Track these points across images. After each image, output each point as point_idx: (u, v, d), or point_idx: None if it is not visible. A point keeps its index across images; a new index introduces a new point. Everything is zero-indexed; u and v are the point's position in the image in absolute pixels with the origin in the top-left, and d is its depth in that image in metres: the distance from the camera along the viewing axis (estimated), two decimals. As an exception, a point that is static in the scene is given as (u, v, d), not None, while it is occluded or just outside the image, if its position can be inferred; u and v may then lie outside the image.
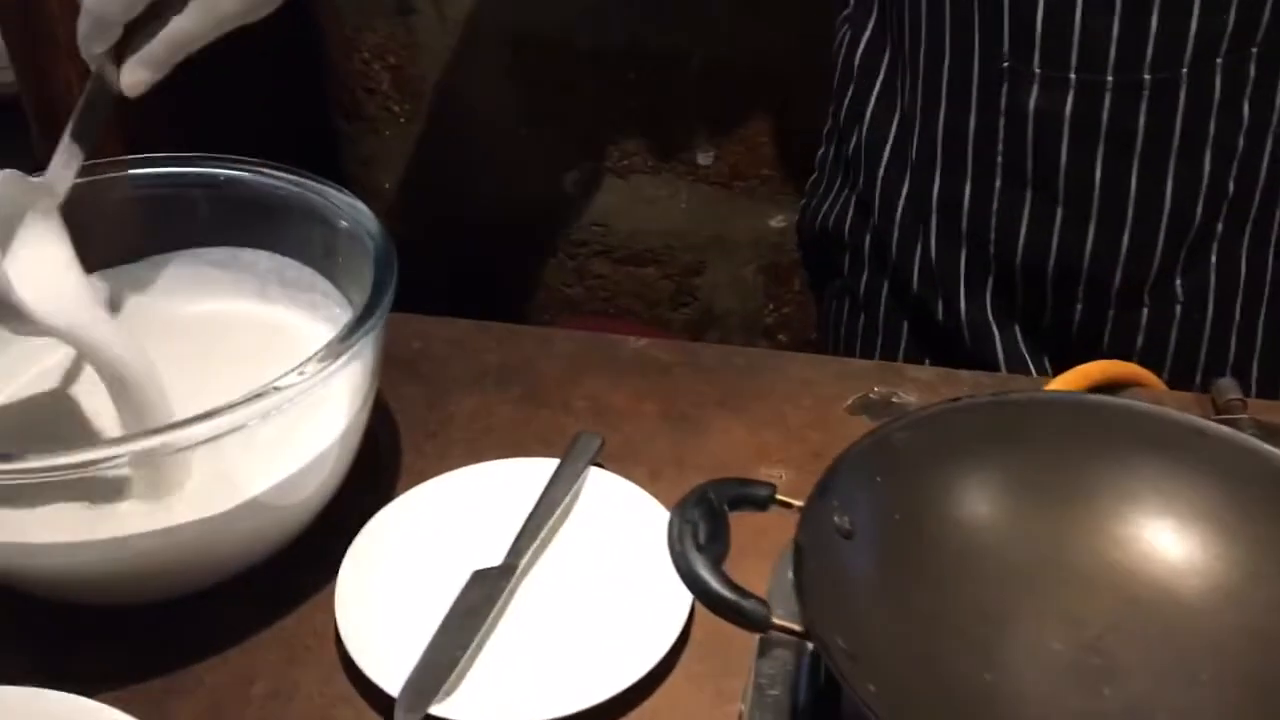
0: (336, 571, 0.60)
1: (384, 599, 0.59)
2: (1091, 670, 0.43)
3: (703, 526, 0.42)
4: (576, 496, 0.64)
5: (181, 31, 0.57)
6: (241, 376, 0.57)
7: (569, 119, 1.22)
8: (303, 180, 0.65)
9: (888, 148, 0.80)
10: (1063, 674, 0.43)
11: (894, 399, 0.73)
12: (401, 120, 1.26)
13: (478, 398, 0.74)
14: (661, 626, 0.57)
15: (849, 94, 0.83)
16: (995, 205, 0.75)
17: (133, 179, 0.68)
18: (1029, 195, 0.73)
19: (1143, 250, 0.73)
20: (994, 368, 0.80)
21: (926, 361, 0.81)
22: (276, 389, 0.53)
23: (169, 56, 0.58)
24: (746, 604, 0.40)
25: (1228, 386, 0.70)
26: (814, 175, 0.90)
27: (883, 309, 0.84)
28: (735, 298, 1.29)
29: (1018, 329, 0.79)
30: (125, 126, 0.95)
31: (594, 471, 0.66)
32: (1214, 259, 0.74)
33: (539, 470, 0.65)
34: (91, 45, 0.58)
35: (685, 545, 0.41)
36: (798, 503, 0.45)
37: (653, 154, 1.21)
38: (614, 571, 0.61)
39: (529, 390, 0.74)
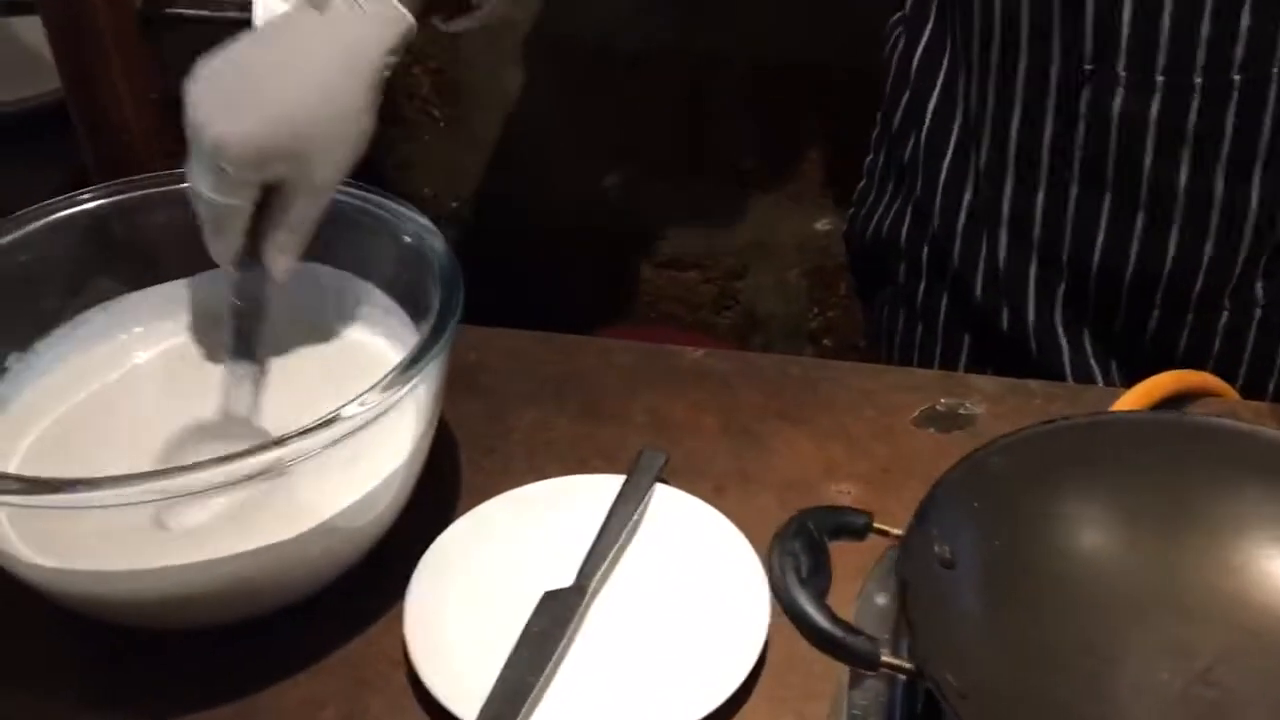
0: (402, 593, 0.60)
1: (453, 621, 0.58)
2: (1204, 704, 0.42)
3: (804, 559, 0.41)
4: (643, 514, 0.63)
5: (300, 215, 0.61)
6: (303, 395, 0.57)
7: (610, 122, 1.21)
8: (366, 194, 0.64)
9: (948, 154, 0.78)
10: (1173, 707, 0.42)
11: (961, 410, 0.71)
12: (441, 124, 1.25)
13: (536, 411, 0.73)
14: (739, 649, 0.56)
15: (904, 99, 0.82)
16: (1070, 212, 0.73)
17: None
18: (1108, 201, 0.72)
19: (1226, 256, 0.72)
20: (1060, 378, 0.78)
21: (989, 372, 0.80)
22: (344, 417, 0.52)
23: (299, 235, 0.62)
24: (855, 641, 0.39)
25: (1303, 396, 0.69)
26: (862, 183, 0.89)
27: (942, 318, 0.83)
28: (779, 301, 1.27)
29: (1087, 338, 0.78)
30: (162, 138, 0.95)
31: (659, 488, 0.64)
32: None
33: (603, 487, 0.64)
34: (225, 263, 0.63)
35: (788, 579, 0.40)
36: (896, 531, 0.44)
37: (694, 157, 1.20)
38: (686, 591, 0.60)
39: (588, 403, 0.73)
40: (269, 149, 0.58)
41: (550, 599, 0.58)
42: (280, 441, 0.51)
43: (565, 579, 0.59)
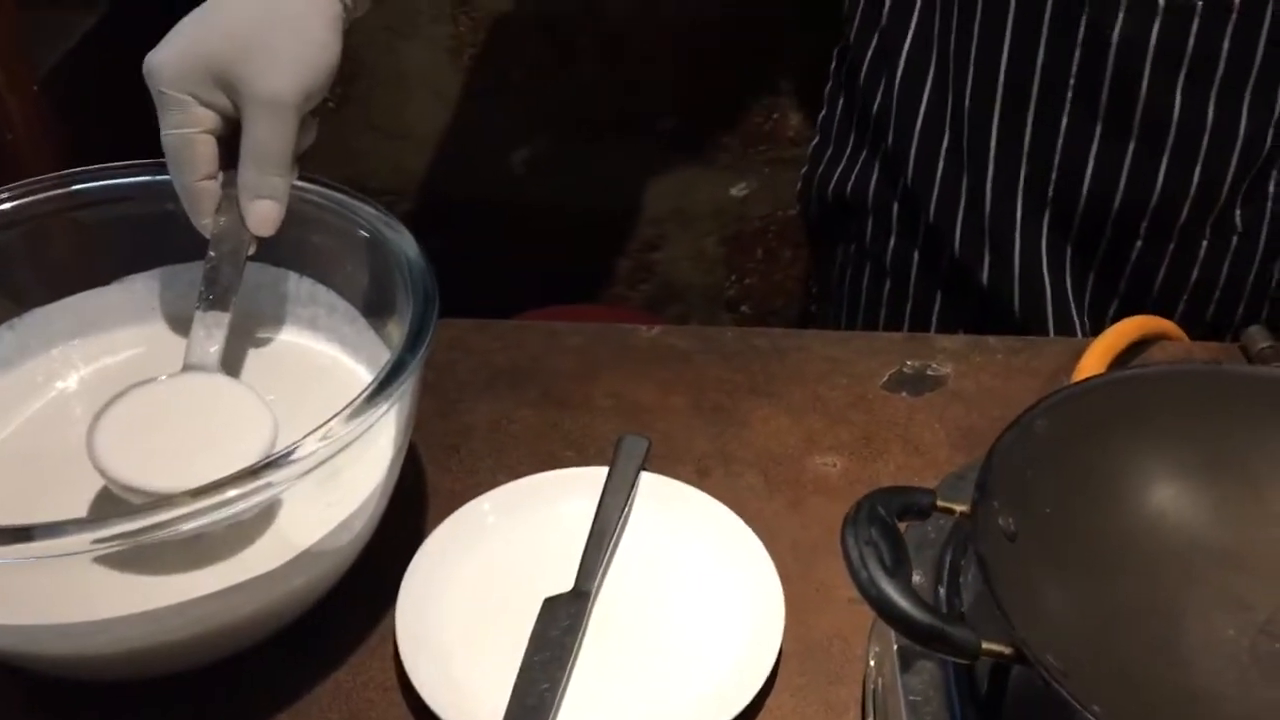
0: (384, 615, 0.55)
1: (450, 638, 0.54)
2: (1274, 656, 0.42)
3: (883, 546, 0.38)
4: (632, 506, 0.60)
5: (260, 143, 0.55)
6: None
7: (514, 95, 1.16)
8: (311, 184, 0.59)
9: (924, 98, 0.77)
10: (1245, 664, 0.41)
11: (929, 371, 0.71)
12: (332, 106, 1.17)
13: (492, 403, 0.69)
14: (758, 640, 0.53)
15: (872, 47, 0.80)
16: (1060, 142, 0.73)
17: (120, 189, 0.61)
18: (1099, 129, 0.72)
19: (1213, 182, 0.72)
20: (1041, 319, 0.78)
21: (960, 332, 0.80)
22: (295, 458, 0.47)
23: (267, 171, 0.55)
24: (955, 631, 0.37)
25: (1258, 335, 0.70)
26: (816, 140, 0.87)
27: (914, 274, 0.82)
28: (696, 271, 1.25)
29: (1069, 276, 0.78)
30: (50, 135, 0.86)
31: (643, 476, 0.61)
32: (1272, 188, 0.74)
33: (584, 480, 0.61)
34: (199, 216, 0.57)
35: (873, 571, 0.38)
36: (960, 507, 0.42)
37: (607, 125, 1.16)
38: (691, 583, 0.57)
39: (546, 391, 0.70)
40: (201, 56, 0.54)
41: (552, 605, 0.55)
42: (255, 471, 0.46)
43: (563, 582, 0.56)
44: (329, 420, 0.48)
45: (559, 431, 0.67)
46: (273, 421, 0.53)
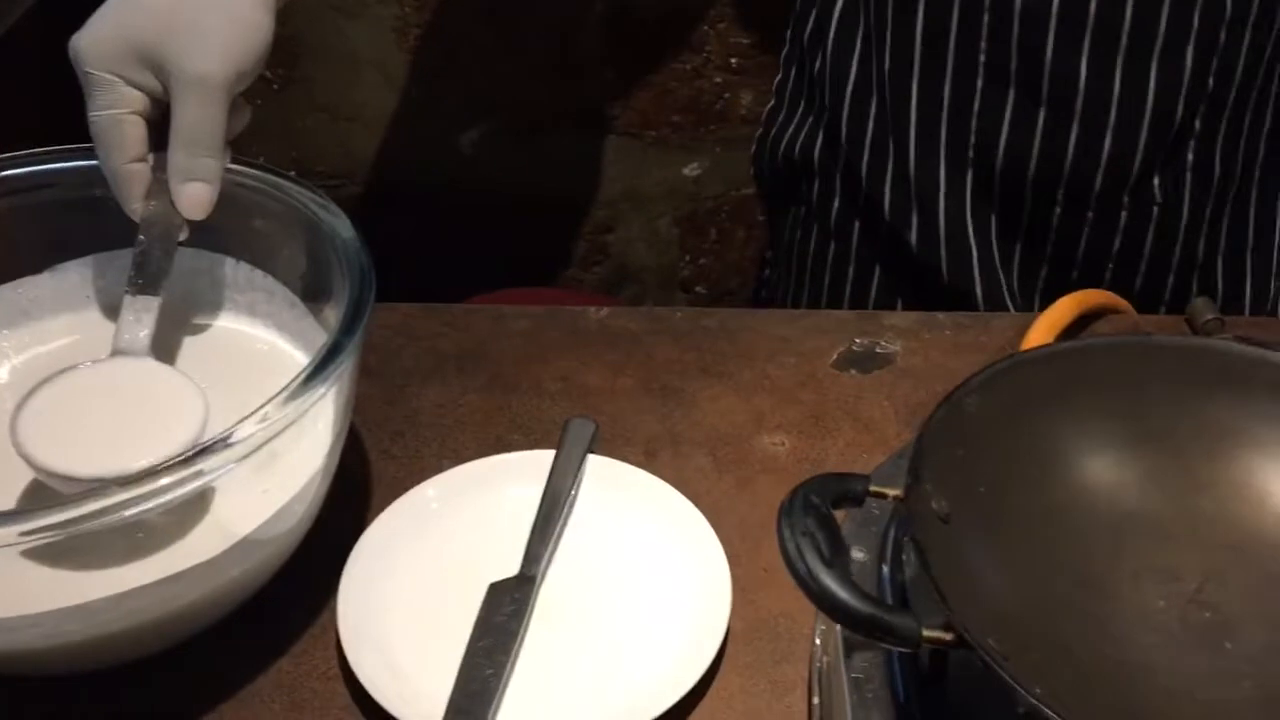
0: (327, 603, 0.55)
1: (392, 626, 0.54)
2: (1205, 626, 0.42)
3: (820, 536, 0.38)
4: (579, 489, 0.60)
5: (189, 125, 0.53)
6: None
7: (462, 75, 1.15)
8: (247, 167, 0.58)
9: (854, 65, 0.77)
10: (1177, 634, 0.42)
11: (878, 349, 0.70)
12: (275, 87, 1.15)
13: (439, 388, 0.68)
14: (704, 621, 0.53)
15: (813, 13, 0.80)
16: (976, 108, 0.74)
17: (49, 174, 0.59)
18: (1011, 96, 0.72)
19: (1124, 151, 0.73)
20: (969, 287, 0.79)
21: (899, 302, 0.80)
22: (261, 424, 0.46)
23: (198, 153, 0.54)
24: (896, 620, 0.37)
25: (1204, 307, 0.71)
26: (771, 103, 0.87)
27: (856, 237, 0.82)
28: (650, 252, 1.24)
29: (994, 240, 0.78)
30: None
31: (590, 459, 0.61)
32: (1190, 157, 0.74)
33: (531, 464, 0.60)
34: (129, 201, 0.55)
35: (810, 563, 0.37)
36: (893, 492, 0.42)
37: (555, 108, 1.15)
38: (638, 566, 0.57)
39: (494, 375, 0.69)
40: (127, 35, 0.53)
41: (497, 590, 0.54)
42: (189, 458, 0.45)
43: (509, 567, 0.55)
44: (264, 404, 0.47)
45: (506, 415, 0.66)
46: (204, 405, 0.52)
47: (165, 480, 0.44)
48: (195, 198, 0.54)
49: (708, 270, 1.25)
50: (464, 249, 1.23)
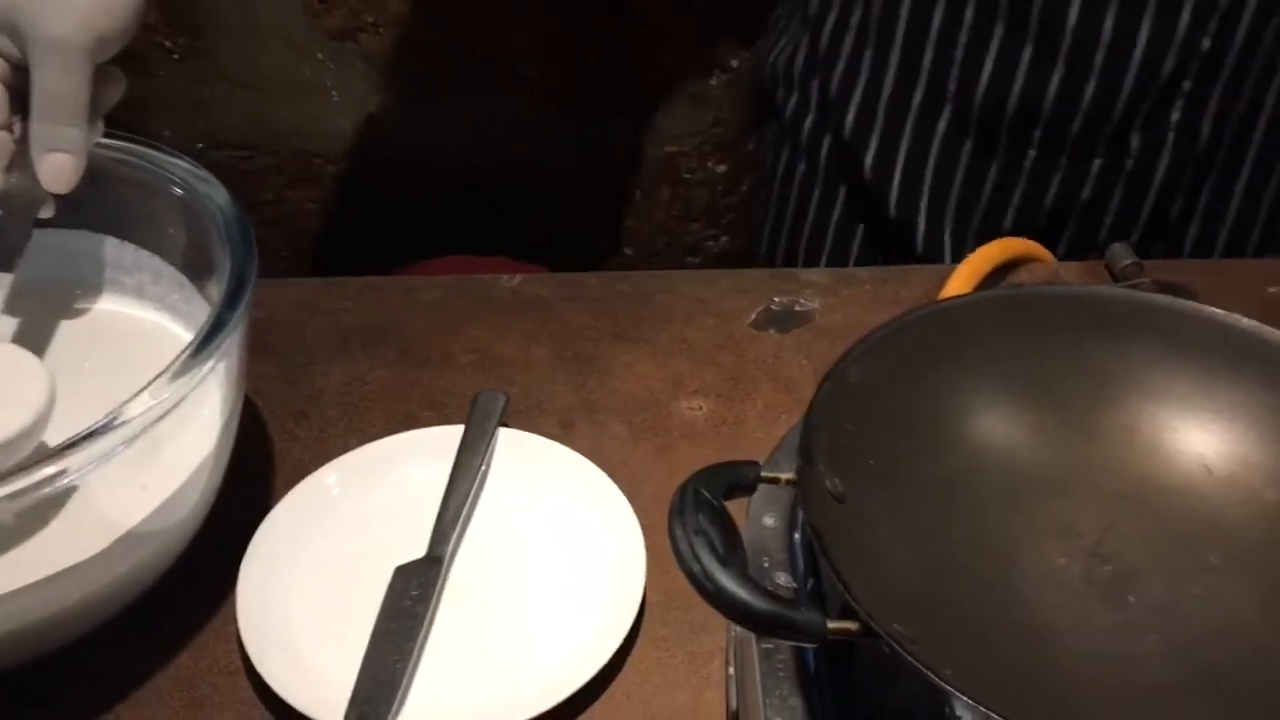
0: (227, 595, 0.52)
1: (295, 616, 0.51)
2: (1107, 580, 0.41)
3: (714, 533, 0.36)
4: (489, 464, 0.58)
5: (48, 91, 0.50)
6: (77, 388, 0.48)
7: (375, 39, 1.11)
8: (120, 141, 0.55)
9: None
10: (1080, 590, 0.41)
11: (796, 307, 0.69)
12: (176, 56, 1.11)
13: (345, 365, 0.66)
14: (619, 595, 0.52)
15: None
16: (963, 38, 0.72)
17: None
18: (998, 30, 0.71)
19: (1106, 97, 0.71)
20: (911, 219, 0.78)
21: (860, 230, 0.78)
22: (123, 421, 0.44)
23: (59, 121, 0.50)
24: (801, 617, 0.35)
25: (1121, 252, 0.70)
26: (777, 11, 0.87)
27: (823, 156, 0.81)
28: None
29: (959, 181, 0.77)
30: None
31: (502, 433, 0.59)
32: (1175, 117, 0.73)
33: (440, 440, 0.58)
34: None
35: (706, 563, 0.35)
36: (786, 476, 0.40)
37: (474, 72, 1.11)
38: (552, 542, 0.55)
39: (403, 350, 0.67)
40: None
41: (404, 574, 0.52)
42: (59, 452, 0.42)
43: (417, 549, 0.53)
44: (141, 390, 0.45)
45: (417, 391, 0.64)
46: (49, 387, 0.49)
47: (29, 480, 0.41)
48: (56, 168, 0.50)
49: (634, 231, 1.23)
50: (387, 221, 1.20)
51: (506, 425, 0.60)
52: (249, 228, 0.51)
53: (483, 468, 0.57)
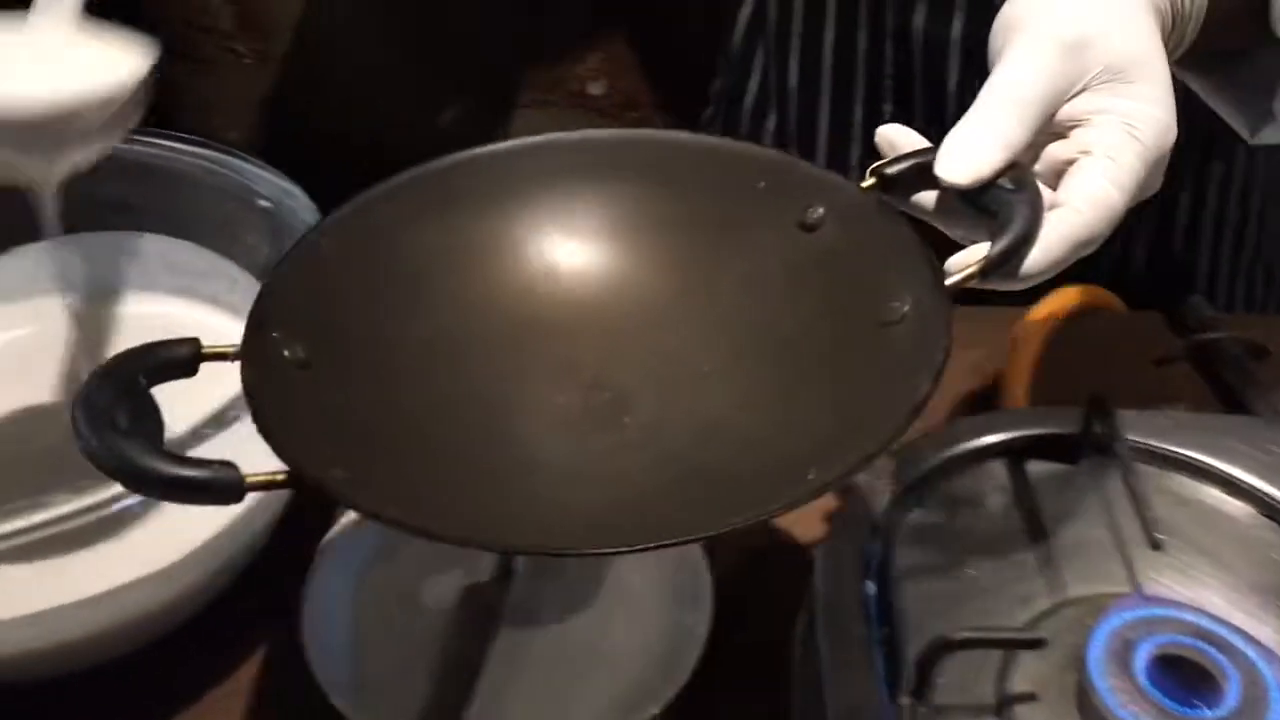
0: (292, 607, 0.52)
1: (361, 634, 0.51)
2: (605, 407, 0.42)
3: (120, 412, 0.35)
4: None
5: None
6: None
7: (441, 52, 1.11)
8: (211, 150, 0.55)
9: None
10: (579, 421, 0.42)
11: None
12: (247, 62, 1.12)
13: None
14: (689, 599, 0.51)
15: None
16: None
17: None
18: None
19: None
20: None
21: None
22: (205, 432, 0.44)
23: None
24: (216, 474, 0.33)
25: (1200, 305, 0.69)
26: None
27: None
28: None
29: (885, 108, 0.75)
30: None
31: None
32: None
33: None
34: None
35: (107, 440, 0.33)
36: (231, 348, 0.39)
37: (537, 86, 1.12)
38: (614, 560, 0.54)
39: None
40: None
41: (473, 592, 0.52)
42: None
43: (485, 567, 0.53)
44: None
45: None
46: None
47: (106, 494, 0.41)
48: None
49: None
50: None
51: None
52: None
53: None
